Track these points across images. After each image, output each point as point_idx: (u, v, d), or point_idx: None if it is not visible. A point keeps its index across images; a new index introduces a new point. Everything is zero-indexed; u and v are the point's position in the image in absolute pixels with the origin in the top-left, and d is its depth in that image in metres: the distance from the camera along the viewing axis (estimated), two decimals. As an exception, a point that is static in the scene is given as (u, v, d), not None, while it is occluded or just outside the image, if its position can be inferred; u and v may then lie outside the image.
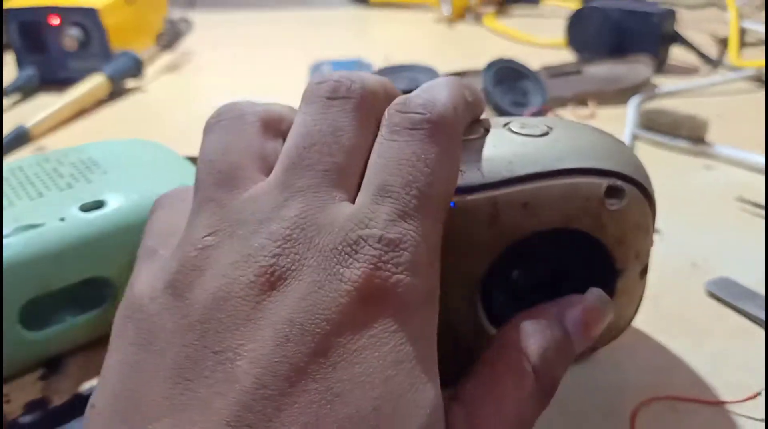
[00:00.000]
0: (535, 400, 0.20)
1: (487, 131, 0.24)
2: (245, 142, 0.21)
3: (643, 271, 0.25)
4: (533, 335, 0.21)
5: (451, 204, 0.22)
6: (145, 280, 0.20)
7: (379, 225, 0.18)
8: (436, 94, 0.21)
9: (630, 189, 0.23)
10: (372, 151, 0.20)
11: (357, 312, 0.17)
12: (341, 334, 0.16)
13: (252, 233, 0.18)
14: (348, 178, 0.19)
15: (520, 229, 0.23)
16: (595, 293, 0.23)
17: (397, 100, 0.21)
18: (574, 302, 0.22)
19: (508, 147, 0.23)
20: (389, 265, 0.17)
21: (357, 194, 0.19)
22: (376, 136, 0.20)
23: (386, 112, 0.21)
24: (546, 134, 0.24)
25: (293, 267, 0.17)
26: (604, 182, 0.23)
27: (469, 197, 0.22)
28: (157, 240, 0.22)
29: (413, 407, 0.16)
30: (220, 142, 0.21)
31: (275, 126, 0.22)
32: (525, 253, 0.24)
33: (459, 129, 0.21)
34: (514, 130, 0.24)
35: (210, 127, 0.22)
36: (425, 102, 0.20)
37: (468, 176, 0.22)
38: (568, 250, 0.24)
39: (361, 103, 0.21)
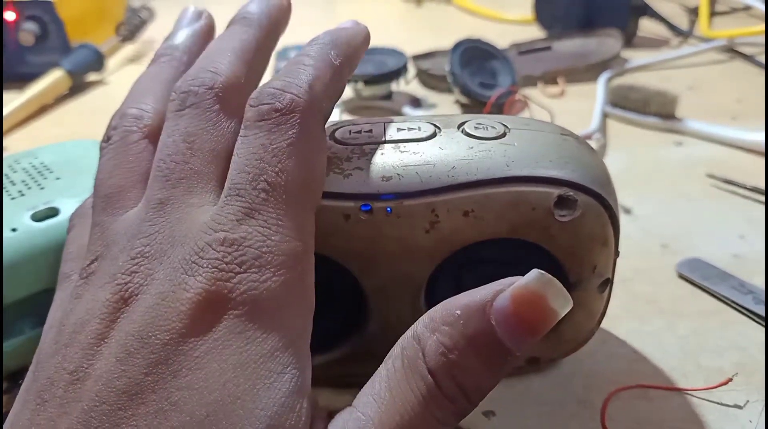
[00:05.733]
0: (437, 404, 0.17)
1: (437, 130, 0.23)
2: (130, 163, 0.21)
3: (604, 284, 0.24)
4: (442, 328, 0.17)
5: (388, 209, 0.21)
6: (52, 310, 0.21)
7: (226, 226, 0.18)
8: (290, 78, 0.20)
9: (585, 199, 0.22)
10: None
11: (200, 318, 0.17)
12: (184, 342, 0.16)
13: (120, 252, 0.18)
14: (208, 181, 0.19)
15: (461, 237, 0.22)
16: (533, 277, 0.17)
17: (252, 94, 0.20)
18: (507, 289, 0.17)
19: (454, 150, 0.22)
20: (232, 266, 0.17)
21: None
22: None
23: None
24: (501, 136, 0.23)
25: (145, 282, 0.18)
26: (555, 192, 0.22)
27: (406, 202, 0.21)
28: (70, 265, 0.22)
29: (250, 409, 0.16)
30: (107, 166, 0.21)
31: None
32: (473, 259, 0.23)
33: (315, 109, 0.20)
34: (468, 131, 0.23)
35: (101, 151, 0.22)
36: (274, 91, 0.19)
37: (405, 181, 0.21)
38: (518, 259, 0.23)
39: (213, 105, 0.20)
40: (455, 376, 0.17)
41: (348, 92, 0.57)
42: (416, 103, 0.56)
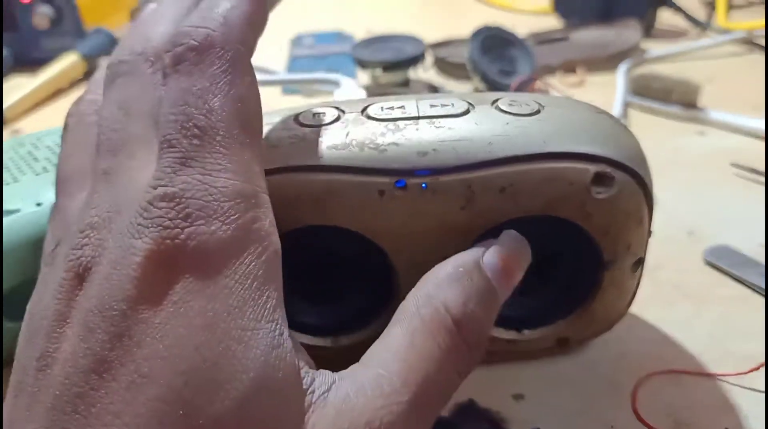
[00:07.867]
0: (459, 356, 0.18)
1: (471, 107, 0.23)
2: (84, 145, 0.20)
3: (637, 264, 0.24)
4: (454, 284, 0.19)
5: (423, 185, 0.21)
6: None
7: (163, 181, 0.16)
8: (203, 12, 0.19)
9: (621, 177, 0.22)
10: None
11: (153, 282, 0.15)
12: (142, 309, 0.15)
13: (73, 231, 0.18)
14: (151, 143, 0.18)
15: (497, 213, 0.22)
16: (511, 236, 0.21)
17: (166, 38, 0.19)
18: (490, 248, 0.21)
19: (490, 126, 0.22)
20: (177, 221, 0.16)
21: None
22: None
23: None
24: (535, 113, 0.22)
25: (96, 254, 0.16)
26: (592, 168, 0.21)
27: (442, 178, 0.21)
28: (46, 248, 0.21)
29: (231, 372, 0.15)
30: (65, 151, 0.21)
31: None
32: None
33: (234, 40, 0.18)
34: (502, 107, 0.22)
35: (61, 137, 0.22)
36: (188, 28, 0.18)
37: (441, 156, 0.21)
38: (553, 237, 0.23)
39: (136, 70, 0.20)
40: (473, 324, 0.19)
41: (365, 78, 0.57)
42: (434, 90, 0.55)
